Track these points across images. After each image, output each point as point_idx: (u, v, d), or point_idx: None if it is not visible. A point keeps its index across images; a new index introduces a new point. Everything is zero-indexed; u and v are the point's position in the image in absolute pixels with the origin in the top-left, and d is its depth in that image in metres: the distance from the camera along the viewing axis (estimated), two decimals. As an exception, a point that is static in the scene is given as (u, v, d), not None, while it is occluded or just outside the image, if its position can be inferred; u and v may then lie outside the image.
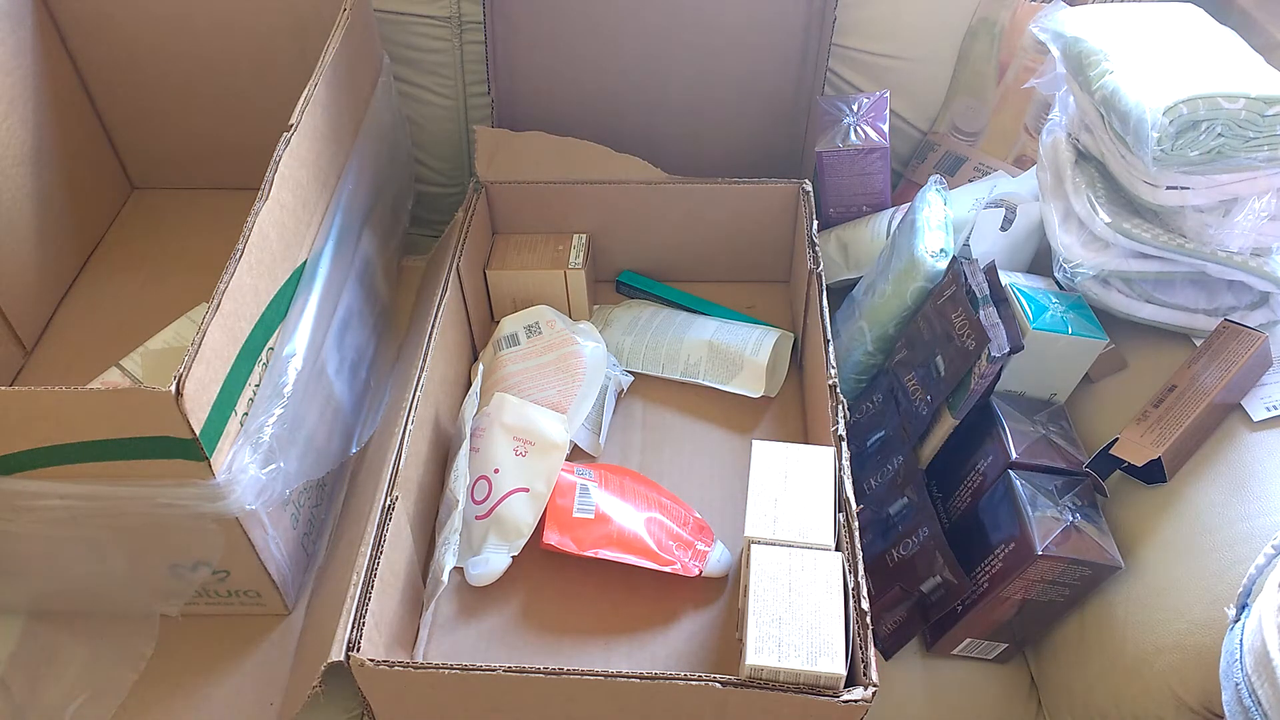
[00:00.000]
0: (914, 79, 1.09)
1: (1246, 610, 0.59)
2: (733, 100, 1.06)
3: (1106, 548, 0.74)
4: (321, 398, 0.81)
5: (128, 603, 0.77)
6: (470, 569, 0.80)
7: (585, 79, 1.05)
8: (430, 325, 0.85)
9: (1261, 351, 0.77)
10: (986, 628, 0.81)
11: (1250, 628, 0.56)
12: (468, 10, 1.06)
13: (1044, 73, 0.91)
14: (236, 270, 0.66)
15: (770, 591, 0.66)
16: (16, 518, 0.67)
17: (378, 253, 0.97)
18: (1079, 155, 0.87)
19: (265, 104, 1.04)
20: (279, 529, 0.75)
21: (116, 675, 0.76)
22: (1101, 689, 0.75)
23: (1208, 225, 0.78)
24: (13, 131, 0.92)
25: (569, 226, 1.04)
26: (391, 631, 0.72)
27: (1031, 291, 0.86)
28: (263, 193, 0.71)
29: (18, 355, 0.94)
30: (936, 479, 0.88)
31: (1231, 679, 0.56)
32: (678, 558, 0.79)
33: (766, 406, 0.96)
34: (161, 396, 0.59)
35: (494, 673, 0.62)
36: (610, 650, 0.77)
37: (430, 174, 1.20)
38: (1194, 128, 0.74)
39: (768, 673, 0.62)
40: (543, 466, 0.83)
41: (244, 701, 0.75)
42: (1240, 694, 0.55)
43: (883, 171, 1.02)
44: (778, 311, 1.06)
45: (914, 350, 0.86)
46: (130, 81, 1.03)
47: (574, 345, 0.92)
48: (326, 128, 0.83)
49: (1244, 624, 0.58)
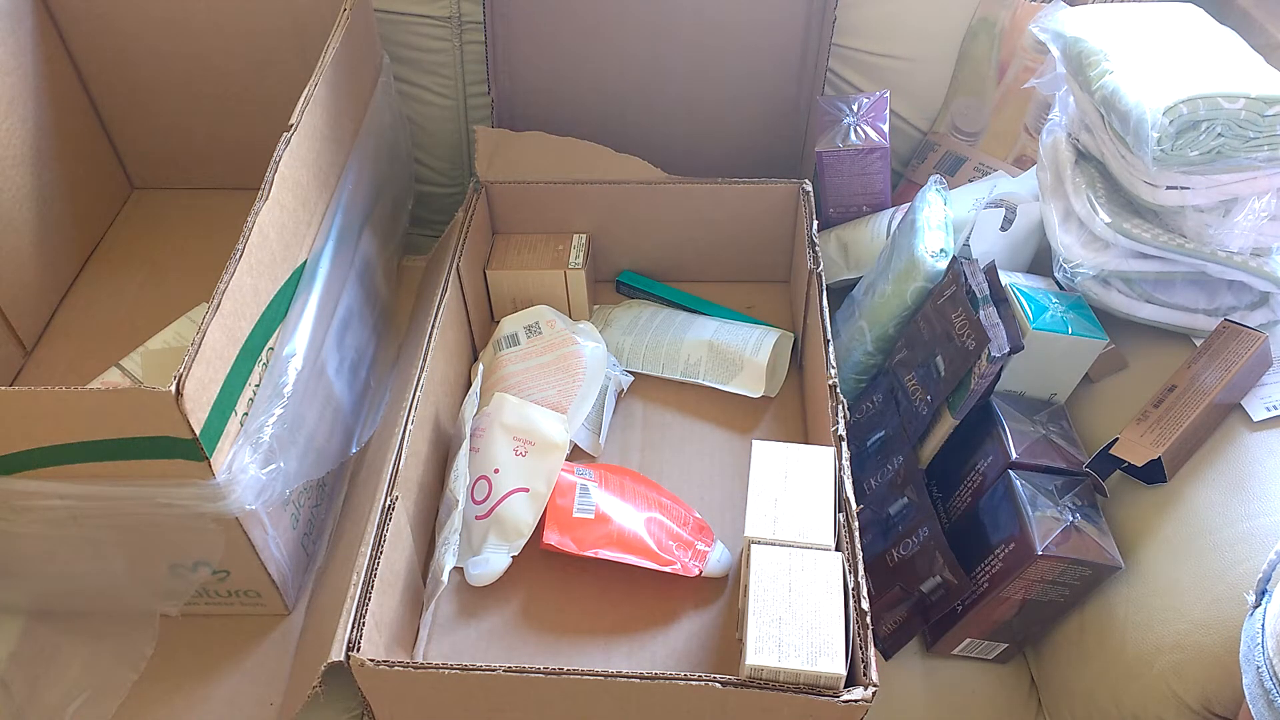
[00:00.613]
0: (914, 79, 1.09)
1: (1267, 595, 0.59)
2: (733, 100, 1.06)
3: (1106, 548, 0.74)
4: (321, 398, 0.81)
5: (128, 603, 0.77)
6: (470, 569, 0.80)
7: (585, 79, 1.05)
8: (430, 325, 0.85)
9: (1261, 351, 0.77)
10: (986, 628, 0.81)
11: (1273, 611, 0.57)
12: (468, 10, 1.06)
13: (1044, 73, 0.91)
14: (236, 270, 0.66)
15: (770, 591, 0.66)
16: (16, 518, 0.67)
17: (378, 253, 0.97)
18: (1079, 155, 0.87)
19: (265, 104, 1.04)
20: (279, 529, 0.75)
21: (116, 675, 0.76)
22: (1101, 689, 0.75)
23: (1208, 225, 0.78)
24: (13, 131, 0.92)
25: (569, 226, 1.04)
26: (391, 631, 0.72)
27: (1031, 291, 0.86)
28: (263, 193, 0.71)
29: (18, 355, 0.94)
30: (936, 479, 0.88)
31: (1252, 663, 0.57)
32: (678, 558, 0.79)
33: (766, 406, 0.96)
34: (161, 396, 0.59)
35: (494, 673, 0.62)
36: (610, 650, 0.77)
37: (430, 174, 1.20)
38: (1194, 128, 0.74)
39: (768, 673, 0.62)
40: (543, 466, 0.83)
41: (244, 701, 0.75)
42: (1261, 677, 0.55)
43: (883, 171, 1.02)
44: (778, 311, 1.06)
45: (914, 350, 0.86)
46: (130, 81, 1.03)
47: (574, 345, 0.92)
48: (326, 128, 0.83)
49: (1265, 608, 0.58)
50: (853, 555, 0.67)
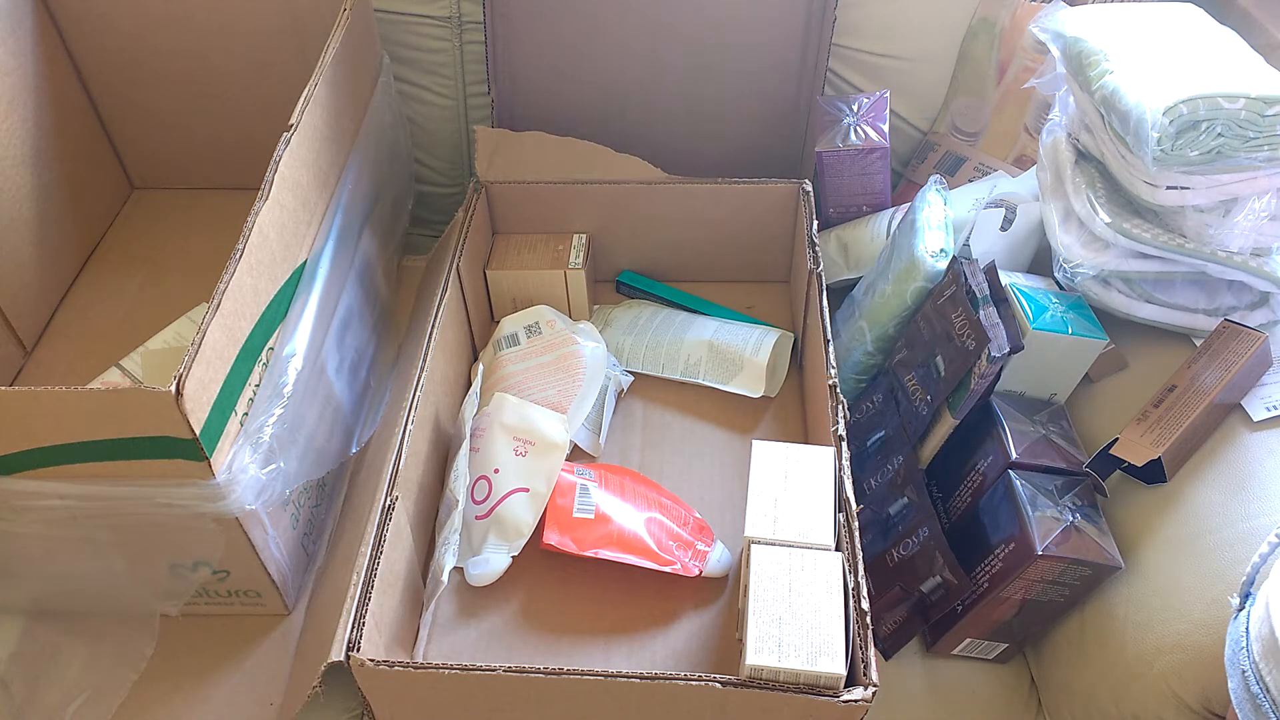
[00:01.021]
0: (914, 79, 1.09)
1: (1251, 598, 0.59)
2: (733, 100, 1.06)
3: (1106, 548, 0.74)
4: (321, 398, 0.81)
5: (128, 603, 0.77)
6: (470, 569, 0.80)
7: (585, 79, 1.05)
8: (430, 325, 0.85)
9: (1261, 351, 0.77)
10: (986, 628, 0.81)
11: (1256, 614, 0.56)
12: (468, 10, 1.06)
13: (1044, 73, 0.91)
14: (236, 270, 0.66)
15: (770, 591, 0.66)
16: (16, 518, 0.67)
17: (378, 253, 0.97)
18: (1079, 155, 0.87)
19: (265, 104, 1.04)
20: (279, 529, 0.75)
21: (116, 675, 0.76)
22: (1101, 689, 0.75)
23: (1208, 225, 0.78)
24: (13, 131, 0.92)
25: (569, 226, 1.04)
26: (391, 631, 0.72)
27: (1031, 291, 0.86)
28: (263, 193, 0.71)
29: (18, 355, 0.94)
30: (936, 479, 0.88)
31: (1238, 666, 0.56)
32: (678, 558, 0.79)
33: (766, 406, 0.96)
34: (161, 396, 0.59)
35: (494, 673, 0.62)
36: (610, 650, 0.77)
37: (430, 174, 1.20)
38: (1194, 128, 0.74)
39: (768, 673, 0.62)
40: (543, 466, 0.83)
41: (244, 701, 0.75)
42: (1247, 681, 0.55)
43: (883, 171, 1.02)
44: (778, 311, 1.06)
45: (914, 350, 0.86)
46: (130, 81, 1.03)
47: (574, 345, 0.92)
48: (326, 128, 0.83)
49: (1249, 611, 0.58)
50: (853, 555, 0.67)
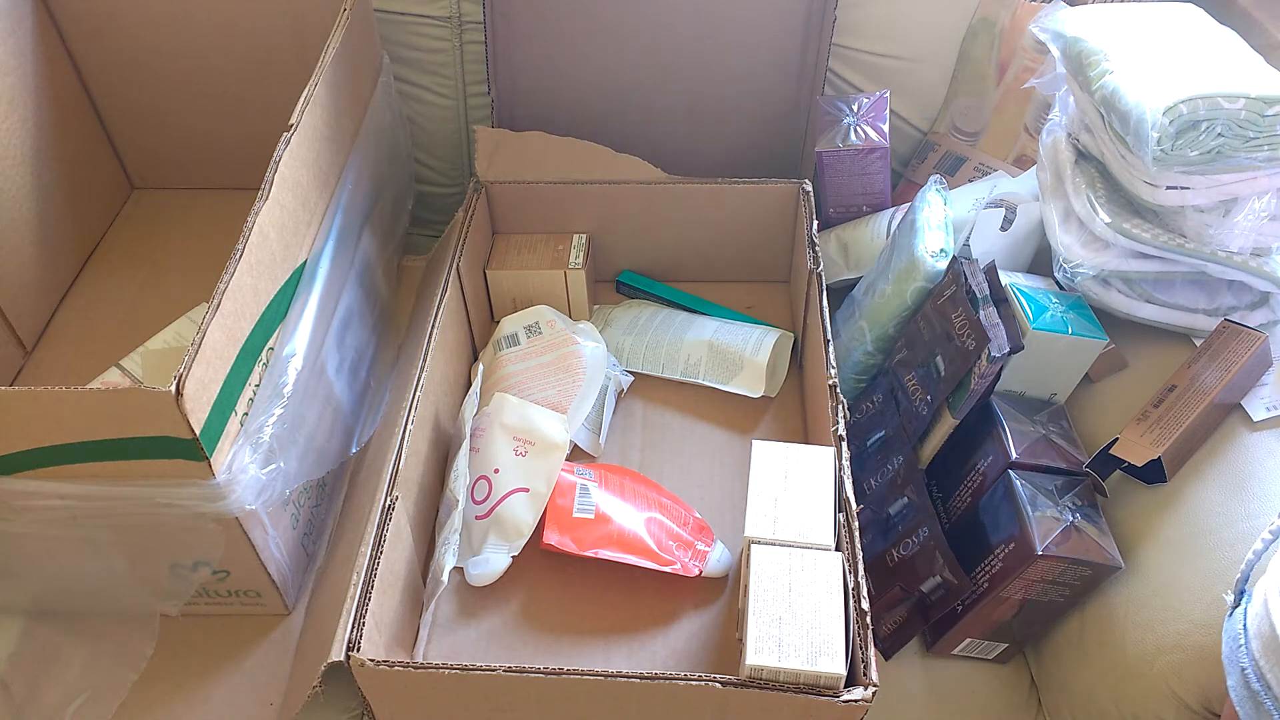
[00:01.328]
0: (914, 79, 1.09)
1: (1246, 595, 0.58)
2: (733, 100, 1.06)
3: (1106, 548, 0.74)
4: (321, 398, 0.81)
5: (128, 603, 0.77)
6: (470, 569, 0.80)
7: (585, 79, 1.05)
8: (430, 325, 0.85)
9: (1261, 351, 0.77)
10: (986, 628, 0.81)
11: (1254, 611, 0.56)
12: (468, 10, 1.06)
13: (1044, 73, 0.91)
14: (236, 270, 0.66)
15: (770, 591, 0.66)
16: (16, 518, 0.67)
17: (378, 253, 0.97)
18: (1079, 155, 0.87)
19: (265, 104, 1.04)
20: (279, 529, 0.75)
21: (116, 675, 0.76)
22: (1101, 689, 0.75)
23: (1208, 225, 0.78)
24: (13, 131, 0.92)
25: (569, 226, 1.04)
26: (391, 631, 0.72)
27: (1031, 291, 0.86)
28: (263, 193, 0.71)
29: (18, 355, 0.94)
30: (936, 479, 0.88)
31: (1237, 664, 0.56)
32: (678, 558, 0.79)
33: (766, 406, 0.96)
34: (161, 396, 0.59)
35: (494, 673, 0.62)
36: (610, 650, 0.77)
37: (430, 174, 1.20)
38: (1194, 128, 0.74)
39: (768, 673, 0.62)
40: (543, 466, 0.83)
41: (244, 701, 0.75)
42: (1247, 678, 0.55)
43: (883, 171, 1.02)
44: (778, 311, 1.06)
45: (914, 350, 0.86)
46: (130, 81, 1.03)
47: (574, 345, 0.92)
48: (326, 128, 0.83)
49: (1245, 608, 0.57)
50: (853, 555, 0.67)
